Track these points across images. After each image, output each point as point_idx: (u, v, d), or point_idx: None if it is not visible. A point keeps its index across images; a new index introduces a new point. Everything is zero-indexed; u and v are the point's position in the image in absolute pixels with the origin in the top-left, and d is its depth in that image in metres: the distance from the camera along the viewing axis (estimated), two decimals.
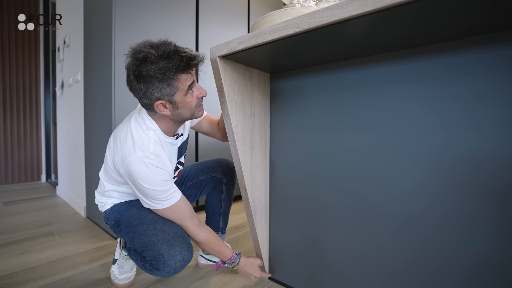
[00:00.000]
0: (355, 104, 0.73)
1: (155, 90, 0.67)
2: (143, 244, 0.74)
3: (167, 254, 0.71)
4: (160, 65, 0.64)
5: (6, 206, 1.93)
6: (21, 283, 0.95)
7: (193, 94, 0.73)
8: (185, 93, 0.71)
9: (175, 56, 0.65)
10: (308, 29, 0.53)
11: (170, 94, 0.69)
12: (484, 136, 0.54)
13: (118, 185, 0.84)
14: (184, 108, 0.73)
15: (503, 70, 0.52)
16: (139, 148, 0.72)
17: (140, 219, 0.79)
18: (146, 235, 0.75)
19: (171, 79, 0.67)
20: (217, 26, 1.79)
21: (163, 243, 0.72)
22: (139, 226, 0.77)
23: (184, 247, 0.74)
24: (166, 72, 0.65)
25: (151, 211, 0.82)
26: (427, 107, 0.61)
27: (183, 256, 0.72)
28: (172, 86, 0.68)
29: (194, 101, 0.74)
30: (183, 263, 0.73)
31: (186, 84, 0.70)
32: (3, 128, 2.67)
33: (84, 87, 1.68)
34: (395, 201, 0.66)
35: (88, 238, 1.36)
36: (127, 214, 0.82)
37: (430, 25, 0.50)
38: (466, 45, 0.55)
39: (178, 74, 0.67)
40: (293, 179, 0.88)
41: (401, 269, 0.66)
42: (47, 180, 2.91)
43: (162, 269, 0.72)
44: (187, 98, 0.72)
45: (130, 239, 0.79)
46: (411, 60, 0.63)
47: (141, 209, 0.82)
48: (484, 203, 0.55)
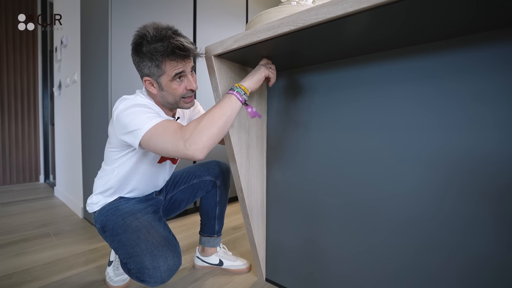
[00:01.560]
0: (353, 104, 0.72)
1: (145, 66, 0.71)
2: (126, 255, 0.72)
3: (151, 265, 0.68)
4: (152, 46, 0.67)
5: (4, 207, 1.92)
6: (15, 285, 0.94)
7: (180, 84, 0.73)
8: (171, 78, 0.71)
9: (167, 41, 0.67)
10: (304, 27, 0.52)
11: (157, 74, 0.71)
12: (484, 135, 0.53)
13: (113, 161, 0.81)
14: (168, 92, 0.74)
15: (501, 68, 0.51)
16: (124, 102, 0.72)
17: (124, 226, 0.76)
18: (129, 245, 0.72)
19: (159, 61, 0.69)
20: (215, 27, 1.78)
21: (146, 255, 0.69)
22: (122, 235, 0.75)
23: (169, 256, 0.70)
24: (155, 53, 0.68)
25: (135, 217, 0.78)
26: (424, 107, 0.60)
27: (168, 266, 0.69)
28: (159, 68, 0.70)
29: (179, 90, 0.73)
30: (169, 272, 0.69)
31: (173, 71, 0.70)
32: (1, 129, 2.66)
33: (81, 88, 1.67)
34: (394, 201, 0.65)
35: (84, 239, 1.35)
36: (112, 220, 0.79)
37: (425, 22, 0.49)
38: (462, 43, 0.54)
39: (165, 59, 0.69)
40: (290, 180, 0.87)
41: (400, 270, 0.65)
42: (45, 181, 2.90)
43: (148, 281, 0.69)
44: (172, 84, 0.72)
45: (114, 248, 0.77)
46: (407, 59, 0.62)
47: (126, 215, 0.79)
48: (484, 203, 0.54)
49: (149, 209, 0.85)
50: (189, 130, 0.61)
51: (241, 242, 1.31)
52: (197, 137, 0.60)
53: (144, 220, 0.79)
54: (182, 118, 0.93)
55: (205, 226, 1.06)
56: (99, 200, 0.85)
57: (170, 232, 0.81)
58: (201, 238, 1.07)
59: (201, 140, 0.60)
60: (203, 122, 0.62)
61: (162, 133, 0.63)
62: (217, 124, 0.62)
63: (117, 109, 0.71)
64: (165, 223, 0.85)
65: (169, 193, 1.00)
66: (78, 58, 1.68)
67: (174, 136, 0.62)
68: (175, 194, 1.01)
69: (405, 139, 0.63)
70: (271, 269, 0.95)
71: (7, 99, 2.67)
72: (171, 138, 0.62)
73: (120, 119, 0.69)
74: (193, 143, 0.60)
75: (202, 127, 0.61)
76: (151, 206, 0.88)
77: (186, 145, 0.60)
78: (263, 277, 0.97)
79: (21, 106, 2.76)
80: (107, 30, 1.30)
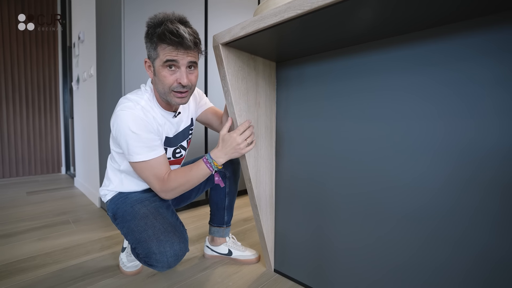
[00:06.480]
0: (364, 93, 0.69)
1: (147, 47, 0.76)
2: (135, 241, 0.75)
3: (158, 250, 0.70)
4: (154, 29, 0.71)
5: (29, 196, 2.04)
6: (38, 267, 1.00)
7: (172, 74, 0.73)
8: (162, 64, 0.72)
9: (164, 25, 0.69)
10: (311, 10, 0.50)
11: (153, 57, 0.74)
12: (486, 127, 0.50)
13: (117, 161, 0.88)
14: (159, 79, 0.75)
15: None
16: (125, 105, 0.76)
17: (132, 213, 0.79)
18: (137, 231, 0.75)
19: (154, 43, 0.72)
20: (227, 20, 1.77)
21: (153, 240, 0.71)
22: (131, 221, 0.78)
23: (175, 241, 0.72)
24: (153, 35, 0.71)
25: (143, 205, 0.82)
26: (431, 97, 0.57)
27: (174, 251, 0.71)
28: (155, 50, 0.72)
29: (169, 79, 0.73)
30: (176, 258, 0.71)
31: (164, 55, 0.71)
32: (26, 122, 2.81)
33: (97, 81, 1.72)
34: (402, 194, 0.63)
35: (100, 227, 1.41)
36: (122, 208, 0.83)
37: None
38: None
39: (159, 42, 0.70)
40: (299, 171, 0.86)
41: (405, 263, 0.63)
42: (67, 172, 3.04)
43: (155, 265, 0.72)
44: (163, 71, 0.73)
45: (124, 234, 0.80)
46: (418, 44, 0.58)
47: (135, 203, 0.83)
48: (488, 198, 0.50)
49: (157, 196, 0.88)
50: (169, 186, 0.77)
51: (251, 234, 1.32)
52: (172, 194, 0.79)
53: (151, 207, 0.81)
54: (184, 111, 0.92)
55: (214, 217, 1.07)
56: (110, 186, 0.91)
57: (178, 219, 0.83)
58: (211, 228, 1.08)
59: (173, 194, 0.79)
60: (182, 187, 0.78)
61: (148, 174, 0.77)
62: (187, 187, 0.78)
63: (116, 114, 0.74)
64: (173, 211, 0.87)
65: None
66: (94, 52, 1.73)
67: (156, 183, 0.78)
68: None
69: (416, 130, 0.60)
70: (279, 260, 0.95)
71: (31, 94, 2.81)
72: (154, 183, 0.78)
73: (118, 138, 0.76)
74: (167, 195, 0.79)
75: (178, 190, 0.78)
76: None
77: (162, 194, 0.79)
78: (272, 268, 0.98)
79: (43, 100, 2.90)
80: (120, 22, 1.32)
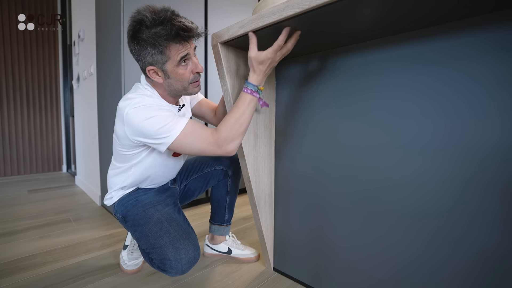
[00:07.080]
0: (364, 92, 0.69)
1: (147, 54, 0.67)
2: (149, 246, 0.74)
3: (173, 257, 0.70)
4: (153, 30, 0.64)
5: (30, 194, 2.05)
6: (39, 265, 1.00)
7: (186, 67, 0.71)
8: (176, 63, 0.68)
9: (169, 23, 0.63)
10: (309, 9, 0.50)
11: (161, 61, 0.68)
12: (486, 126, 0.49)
13: (127, 159, 0.82)
14: (176, 79, 0.71)
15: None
16: (132, 103, 0.70)
17: (145, 218, 0.78)
18: (152, 237, 0.74)
19: (162, 46, 0.65)
20: (227, 18, 1.76)
21: (169, 247, 0.71)
22: (144, 226, 0.77)
23: (190, 249, 0.72)
24: (157, 38, 0.64)
25: (156, 209, 0.80)
26: (431, 96, 0.56)
27: (189, 258, 0.71)
28: (163, 54, 0.66)
29: (187, 74, 0.71)
30: (189, 265, 0.72)
31: (178, 55, 0.67)
32: (27, 121, 2.82)
33: (97, 79, 1.72)
34: (402, 192, 0.63)
35: (101, 225, 1.41)
36: (133, 211, 0.81)
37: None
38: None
39: (170, 43, 0.65)
40: (299, 170, 0.86)
41: (405, 262, 0.63)
42: (67, 171, 3.06)
43: (169, 271, 0.72)
44: (179, 69, 0.70)
45: (136, 238, 0.79)
46: (421, 43, 0.58)
47: (147, 207, 0.81)
48: (489, 197, 0.50)
49: (168, 200, 0.87)
50: (222, 136, 0.69)
51: (251, 232, 1.33)
52: (233, 144, 0.70)
53: (165, 212, 0.81)
54: (186, 103, 0.91)
55: (215, 215, 1.08)
56: (119, 194, 0.87)
57: (189, 224, 0.83)
58: (211, 226, 1.09)
59: (235, 144, 0.70)
60: (238, 130, 0.69)
61: (194, 140, 0.70)
62: (244, 127, 0.70)
63: (128, 114, 0.68)
64: (184, 216, 0.86)
65: (183, 182, 1.02)
66: (94, 51, 1.72)
67: (208, 142, 0.70)
68: (189, 183, 1.02)
69: (414, 129, 0.60)
70: (278, 258, 0.96)
71: (32, 93, 2.82)
72: (206, 145, 0.70)
73: (142, 129, 0.68)
74: (230, 147, 0.70)
75: (236, 134, 0.69)
76: (170, 198, 0.89)
77: (222, 149, 0.70)
78: (271, 267, 0.98)
79: (44, 99, 2.90)
80: (119, 20, 1.32)
